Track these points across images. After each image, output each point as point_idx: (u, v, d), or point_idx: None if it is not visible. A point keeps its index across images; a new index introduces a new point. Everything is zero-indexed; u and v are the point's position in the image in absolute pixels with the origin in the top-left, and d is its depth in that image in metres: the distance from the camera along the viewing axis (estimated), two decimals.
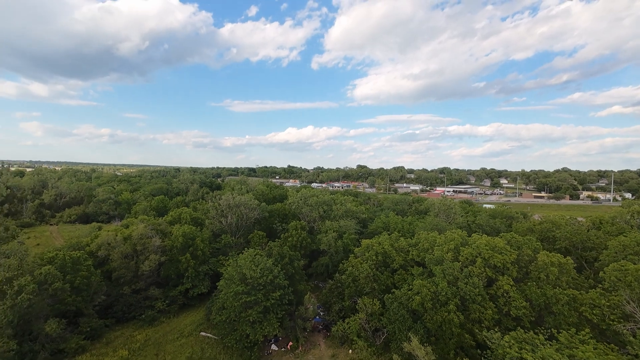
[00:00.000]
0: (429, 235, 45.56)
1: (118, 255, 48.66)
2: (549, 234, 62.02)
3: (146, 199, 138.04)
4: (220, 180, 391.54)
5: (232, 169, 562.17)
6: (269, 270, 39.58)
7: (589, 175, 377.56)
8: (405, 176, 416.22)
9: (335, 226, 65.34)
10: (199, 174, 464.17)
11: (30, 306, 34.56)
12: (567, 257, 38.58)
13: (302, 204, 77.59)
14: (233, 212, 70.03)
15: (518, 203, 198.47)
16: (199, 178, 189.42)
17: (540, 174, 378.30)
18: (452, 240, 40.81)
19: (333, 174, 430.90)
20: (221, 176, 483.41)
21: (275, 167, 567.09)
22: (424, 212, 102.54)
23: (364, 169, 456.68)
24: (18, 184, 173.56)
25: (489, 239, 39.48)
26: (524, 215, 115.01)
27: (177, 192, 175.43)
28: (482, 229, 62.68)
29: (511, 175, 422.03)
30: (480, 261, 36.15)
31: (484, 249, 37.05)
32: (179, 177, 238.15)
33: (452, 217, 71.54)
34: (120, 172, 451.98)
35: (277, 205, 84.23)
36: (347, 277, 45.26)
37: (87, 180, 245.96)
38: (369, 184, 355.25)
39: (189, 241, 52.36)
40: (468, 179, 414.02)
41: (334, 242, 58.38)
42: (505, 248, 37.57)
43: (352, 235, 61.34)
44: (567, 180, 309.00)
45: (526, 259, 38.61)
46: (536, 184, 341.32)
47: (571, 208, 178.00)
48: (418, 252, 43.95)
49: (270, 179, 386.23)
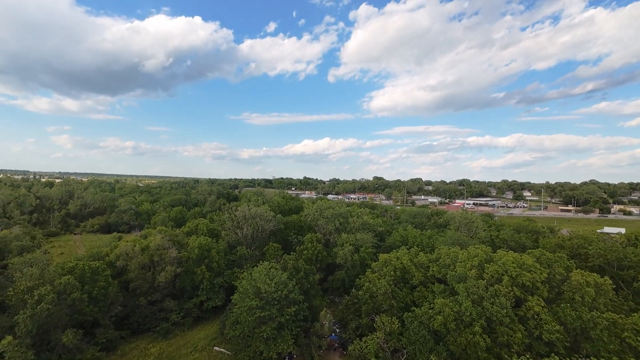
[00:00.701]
0: (451, 250, 43.42)
1: (135, 265, 49.10)
2: (580, 250, 58.15)
3: (165, 210, 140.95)
4: (237, 191, 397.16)
5: (249, 181, 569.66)
6: (284, 285, 38.63)
7: (620, 187, 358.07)
8: (423, 188, 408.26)
9: (351, 239, 63.86)
10: (217, 185, 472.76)
11: (49, 316, 34.93)
12: (604, 277, 35.59)
13: (317, 216, 76.63)
14: (249, 223, 69.89)
15: (543, 217, 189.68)
16: (217, 189, 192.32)
17: (567, 186, 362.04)
18: (475, 257, 38.60)
19: (349, 186, 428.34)
20: (238, 187, 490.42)
21: (291, 178, 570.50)
22: (443, 225, 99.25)
23: (380, 181, 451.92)
24: (47, 194, 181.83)
25: (515, 255, 37.07)
26: (551, 230, 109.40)
27: (195, 203, 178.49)
28: (507, 244, 59.53)
29: (535, 187, 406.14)
30: (507, 279, 33.82)
31: (511, 266, 34.73)
32: (198, 189, 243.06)
33: (473, 231, 68.56)
34: (142, 183, 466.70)
35: (293, 217, 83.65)
36: (364, 293, 43.60)
37: (111, 191, 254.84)
38: (385, 195, 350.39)
39: (204, 253, 52.32)
40: (489, 191, 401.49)
41: (350, 256, 56.87)
42: (535, 266, 35.09)
43: (369, 249, 59.66)
44: (596, 193, 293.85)
45: (558, 278, 35.88)
46: (562, 196, 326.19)
47: (602, 223, 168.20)
48: (439, 268, 41.88)
49: (286, 191, 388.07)
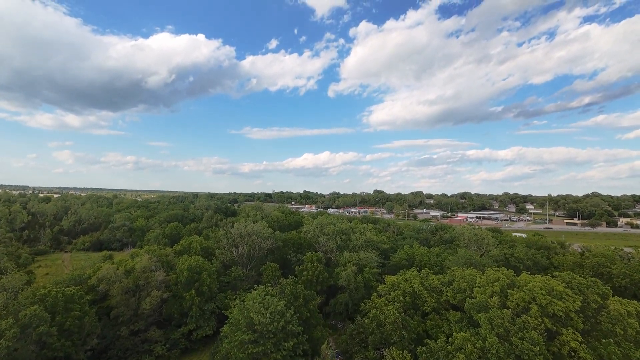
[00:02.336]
0: (466, 272, 39.14)
1: (118, 290, 44.64)
2: (602, 269, 53.77)
3: (160, 226, 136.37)
4: (237, 205, 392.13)
5: (249, 195, 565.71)
6: (281, 315, 34.23)
7: (624, 200, 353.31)
8: (424, 201, 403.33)
9: (354, 258, 59.51)
10: (216, 200, 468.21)
11: (11, 354, 30.41)
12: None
13: (318, 233, 72.44)
14: (245, 241, 65.64)
15: (550, 231, 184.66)
16: (215, 204, 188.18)
17: (570, 198, 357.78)
18: (496, 281, 34.33)
19: (349, 200, 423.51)
20: (238, 202, 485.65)
21: (291, 192, 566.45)
22: (449, 241, 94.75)
23: (381, 194, 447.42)
24: (42, 210, 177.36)
25: (543, 279, 32.81)
26: (562, 245, 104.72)
27: (193, 218, 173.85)
28: (523, 263, 55.15)
29: (537, 200, 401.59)
30: (535, 309, 29.53)
31: (539, 293, 30.49)
32: (196, 203, 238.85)
33: (484, 248, 64.24)
34: (141, 198, 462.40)
35: (292, 234, 79.36)
36: (371, 321, 39.08)
37: (108, 206, 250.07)
38: (386, 209, 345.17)
39: (194, 275, 47.88)
40: (491, 204, 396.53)
41: (353, 277, 52.42)
42: (566, 292, 30.84)
43: (373, 270, 55.25)
44: (601, 206, 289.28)
45: (593, 306, 31.55)
46: (566, 209, 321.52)
47: (611, 237, 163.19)
48: (453, 293, 37.55)
49: (286, 205, 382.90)
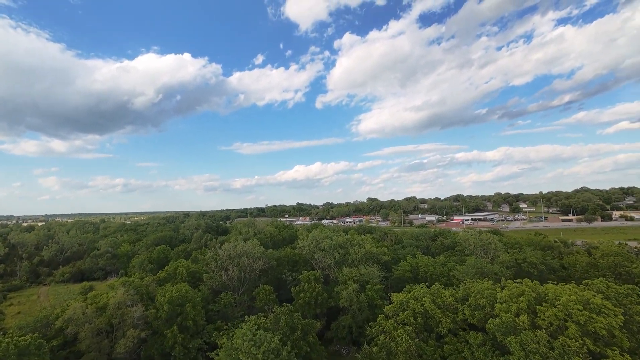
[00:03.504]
0: (483, 286, 34.83)
1: (88, 332, 38.84)
2: (620, 269, 50.14)
3: (147, 250, 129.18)
4: (229, 222, 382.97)
5: (241, 210, 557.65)
6: (276, 354, 29.15)
7: (613, 193, 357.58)
8: (419, 206, 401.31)
9: (354, 274, 54.69)
10: (207, 218, 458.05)
11: None
12: None
13: (314, 249, 67.51)
14: (235, 263, 60.29)
15: (547, 229, 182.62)
16: (205, 223, 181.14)
17: (561, 195, 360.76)
18: (520, 295, 30.06)
19: (343, 209, 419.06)
20: (230, 218, 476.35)
21: (284, 205, 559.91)
22: (451, 247, 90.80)
23: (374, 202, 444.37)
24: (22, 240, 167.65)
25: (576, 291, 28.67)
26: (565, 244, 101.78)
27: (183, 239, 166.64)
28: (537, 268, 51.17)
29: (529, 198, 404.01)
30: (574, 328, 25.29)
31: (575, 308, 26.36)
32: (186, 223, 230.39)
33: (491, 254, 60.18)
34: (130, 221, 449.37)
35: (286, 251, 74.27)
36: (380, 349, 34.19)
37: (95, 231, 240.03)
38: (381, 217, 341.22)
39: (176, 308, 42.30)
40: (485, 205, 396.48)
41: (355, 296, 47.53)
42: (605, 305, 26.79)
43: (377, 286, 50.47)
44: (592, 200, 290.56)
45: (637, 319, 27.53)
46: (558, 205, 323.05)
47: (609, 231, 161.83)
48: (471, 310, 33.15)
49: (280, 218, 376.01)
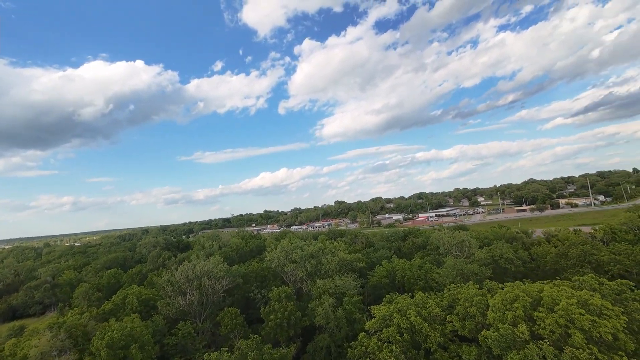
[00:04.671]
0: (470, 292, 32.12)
1: None
2: (589, 258, 50.73)
3: (97, 275, 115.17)
4: (192, 236, 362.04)
5: (206, 222, 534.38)
6: None
7: (556, 183, 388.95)
8: (385, 206, 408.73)
9: (329, 286, 50.30)
10: (168, 233, 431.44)
11: None
12: None
13: (283, 261, 62.28)
14: (194, 286, 53.28)
15: (506, 220, 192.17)
16: (163, 239, 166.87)
17: (513, 187, 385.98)
18: (514, 301, 27.52)
19: (312, 214, 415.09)
20: (193, 231, 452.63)
21: (251, 214, 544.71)
22: (422, 246, 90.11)
23: (342, 205, 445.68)
24: None
25: (573, 292, 26.54)
26: (526, 234, 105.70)
27: (140, 259, 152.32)
28: (513, 263, 50.38)
29: (485, 192, 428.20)
30: (579, 336, 22.93)
31: (576, 312, 24.12)
32: (143, 240, 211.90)
33: (466, 251, 59.04)
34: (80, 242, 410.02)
35: (254, 266, 68.20)
36: None
37: (36, 258, 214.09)
38: (350, 219, 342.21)
39: (119, 352, 34.94)
40: (446, 201, 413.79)
41: (332, 312, 43.13)
42: (605, 305, 24.88)
43: (354, 298, 46.45)
44: (540, 190, 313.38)
45: (637, 317, 25.96)
46: (511, 197, 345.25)
47: (560, 218, 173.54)
48: (461, 320, 30.20)
49: (246, 228, 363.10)
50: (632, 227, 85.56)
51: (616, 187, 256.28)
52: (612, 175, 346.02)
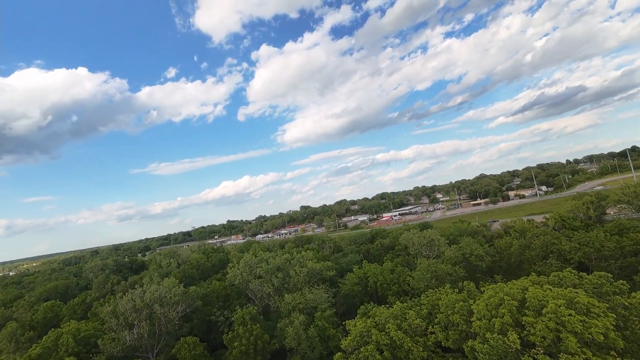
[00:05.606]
0: (450, 298, 30.04)
1: None
2: (552, 247, 52.10)
3: (31, 309, 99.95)
4: (149, 253, 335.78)
5: (164, 238, 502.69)
6: None
7: (504, 176, 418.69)
8: (350, 208, 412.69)
9: (299, 301, 46.32)
10: (121, 253, 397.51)
11: None
12: None
13: (247, 277, 57.07)
14: (143, 316, 46.34)
15: (464, 214, 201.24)
16: (113, 261, 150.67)
17: (467, 182, 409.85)
18: (499, 305, 25.70)
19: (277, 221, 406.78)
20: (150, 249, 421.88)
21: (213, 225, 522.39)
22: (391, 246, 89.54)
23: (308, 210, 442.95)
24: None
25: (561, 292, 25.13)
26: (485, 227, 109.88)
27: (86, 286, 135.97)
28: (483, 260, 50.16)
29: (442, 189, 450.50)
30: (573, 341, 21.42)
31: (566, 314, 22.66)
32: (90, 264, 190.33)
33: (436, 250, 58.34)
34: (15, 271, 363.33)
35: (215, 286, 61.93)
36: None
37: None
38: (316, 223, 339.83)
39: None
40: (407, 199, 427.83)
41: (303, 331, 39.20)
42: (592, 303, 23.76)
43: (327, 312, 42.93)
44: (491, 185, 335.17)
45: (622, 312, 25.12)
46: (466, 192, 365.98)
47: (512, 209, 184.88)
48: (443, 330, 27.93)
49: (209, 241, 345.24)
50: (578, 214, 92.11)
51: (555, 177, 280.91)
52: (551, 167, 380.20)
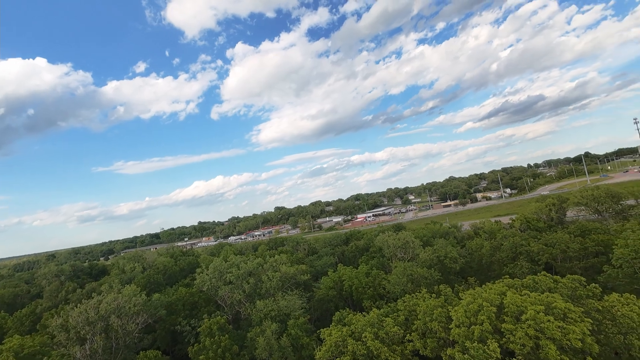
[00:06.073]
0: (428, 304, 29.21)
1: None
2: (520, 249, 53.45)
3: None
4: (112, 257, 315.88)
5: (130, 240, 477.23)
6: None
7: (472, 179, 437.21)
8: (325, 210, 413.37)
9: (271, 308, 44.06)
10: (81, 257, 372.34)
11: None
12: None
13: (217, 283, 53.87)
14: (98, 329, 42.06)
15: (435, 215, 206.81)
16: (70, 266, 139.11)
17: (437, 184, 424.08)
18: (478, 312, 25.16)
19: (251, 222, 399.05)
20: (114, 252, 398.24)
21: (183, 227, 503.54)
22: (365, 248, 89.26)
23: (282, 211, 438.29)
24: None
25: (539, 297, 24.81)
26: (456, 228, 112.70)
27: (39, 294, 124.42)
28: (458, 262, 50.45)
29: (415, 190, 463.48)
30: (552, 348, 21.05)
31: (545, 320, 22.30)
32: (43, 269, 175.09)
33: (410, 252, 58.20)
34: None
35: (181, 292, 58.06)
36: None
37: None
38: (291, 225, 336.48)
39: None
40: (381, 200, 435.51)
41: (275, 341, 37.02)
42: (568, 307, 23.65)
43: (300, 319, 41.00)
44: (460, 187, 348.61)
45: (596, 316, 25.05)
46: (437, 194, 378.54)
47: (480, 211, 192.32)
48: (422, 338, 27.00)
49: (178, 243, 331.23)
50: (541, 215, 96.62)
51: (518, 180, 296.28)
52: (514, 171, 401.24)
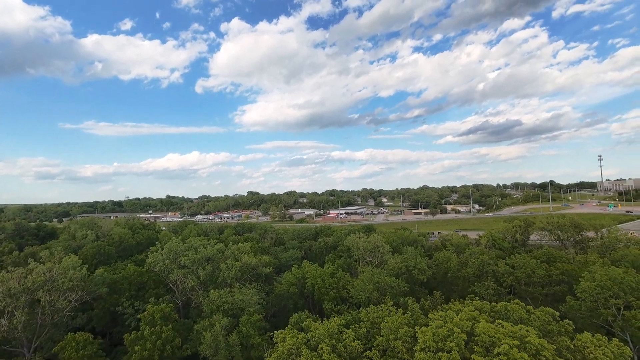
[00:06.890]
0: (394, 320, 27.09)
1: None
2: (487, 268, 53.22)
3: None
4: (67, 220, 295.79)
5: (90, 204, 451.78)
6: None
7: (444, 190, 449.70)
8: (298, 201, 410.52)
9: (225, 300, 40.68)
10: (33, 215, 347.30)
11: None
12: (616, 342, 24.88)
13: (170, 265, 49.59)
14: (21, 303, 36.89)
15: (405, 221, 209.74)
16: (13, 224, 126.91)
17: (411, 191, 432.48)
18: (447, 337, 23.25)
19: (221, 203, 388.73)
20: (70, 215, 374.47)
21: (150, 198, 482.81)
22: (333, 246, 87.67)
23: (255, 196, 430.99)
24: None
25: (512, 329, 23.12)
26: (425, 237, 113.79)
27: None
28: (425, 274, 49.30)
29: (388, 194, 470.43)
30: None
31: (518, 357, 20.59)
32: None
33: (379, 257, 56.69)
34: None
35: (129, 270, 53.17)
36: None
37: None
38: (262, 211, 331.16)
39: None
40: (355, 199, 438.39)
41: (223, 339, 33.82)
42: (542, 344, 22.17)
43: (254, 316, 37.95)
44: (433, 197, 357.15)
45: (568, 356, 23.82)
46: (409, 200, 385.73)
47: (449, 222, 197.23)
48: (381, 355, 24.90)
49: (141, 215, 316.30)
50: (507, 236, 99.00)
51: (487, 198, 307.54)
52: (484, 188, 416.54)
